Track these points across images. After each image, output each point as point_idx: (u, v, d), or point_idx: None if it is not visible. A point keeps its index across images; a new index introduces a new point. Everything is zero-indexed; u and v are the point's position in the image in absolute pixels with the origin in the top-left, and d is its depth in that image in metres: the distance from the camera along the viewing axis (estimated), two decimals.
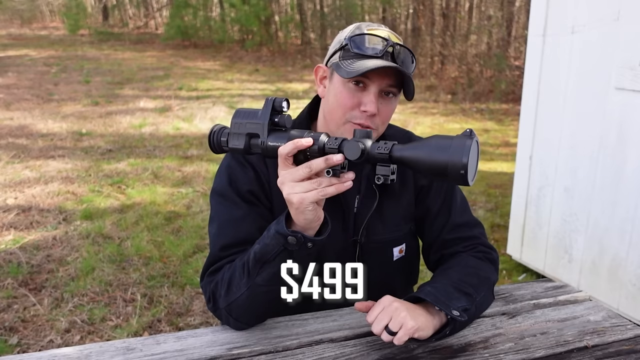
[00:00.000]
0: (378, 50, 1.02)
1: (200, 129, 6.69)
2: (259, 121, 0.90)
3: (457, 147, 0.78)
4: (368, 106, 1.03)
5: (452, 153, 0.78)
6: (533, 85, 2.93)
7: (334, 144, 0.86)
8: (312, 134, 0.87)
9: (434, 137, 0.83)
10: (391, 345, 1.01)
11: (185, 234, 3.59)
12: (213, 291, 1.05)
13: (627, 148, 2.43)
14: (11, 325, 2.51)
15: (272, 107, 0.90)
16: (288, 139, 0.88)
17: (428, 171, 0.81)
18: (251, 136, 0.91)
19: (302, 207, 0.87)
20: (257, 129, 0.90)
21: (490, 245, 1.23)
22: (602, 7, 2.46)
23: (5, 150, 5.42)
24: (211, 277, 1.07)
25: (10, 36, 18.26)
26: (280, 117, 0.90)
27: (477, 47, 11.03)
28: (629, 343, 1.04)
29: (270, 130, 0.90)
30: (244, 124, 0.91)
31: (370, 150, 0.84)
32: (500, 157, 5.82)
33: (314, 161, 0.85)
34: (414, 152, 0.82)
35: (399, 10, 12.81)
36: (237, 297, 1.00)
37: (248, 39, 16.36)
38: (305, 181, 0.86)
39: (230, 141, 0.93)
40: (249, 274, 0.97)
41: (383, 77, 1.03)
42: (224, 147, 0.94)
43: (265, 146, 0.90)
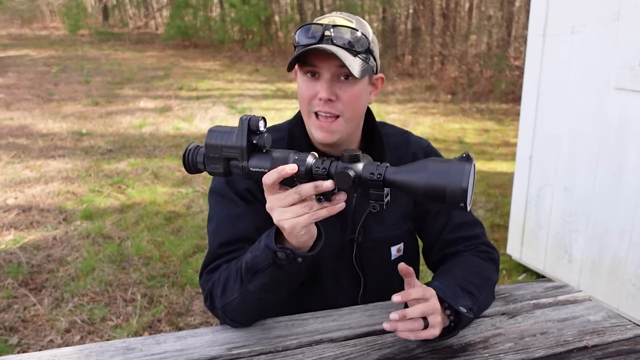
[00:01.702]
0: (317, 37, 1.02)
1: (200, 129, 6.69)
2: (236, 144, 0.83)
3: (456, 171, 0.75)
4: (320, 92, 1.03)
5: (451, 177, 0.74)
6: (533, 85, 2.93)
7: (321, 170, 0.80)
8: (297, 157, 0.82)
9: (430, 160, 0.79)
10: (391, 345, 1.01)
11: (185, 234, 3.59)
12: (210, 290, 1.06)
13: (627, 148, 2.43)
14: (11, 325, 2.51)
15: (248, 127, 0.83)
16: (271, 161, 0.83)
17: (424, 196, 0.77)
18: (230, 159, 0.85)
19: (294, 232, 0.85)
20: (235, 153, 0.84)
21: (491, 244, 1.23)
22: (602, 7, 2.46)
23: (5, 150, 5.42)
24: (209, 276, 1.08)
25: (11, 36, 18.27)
26: (259, 138, 0.83)
27: (477, 47, 11.03)
28: (629, 343, 1.04)
29: (250, 153, 0.84)
30: (220, 147, 0.84)
31: (362, 175, 0.80)
32: (500, 157, 5.82)
33: (303, 187, 0.81)
34: (409, 176, 0.77)
35: (399, 10, 12.81)
36: (231, 300, 1.01)
37: (248, 39, 16.36)
38: (296, 206, 0.83)
39: (208, 164, 0.87)
40: (241, 281, 0.98)
41: (329, 61, 1.02)
42: (199, 167, 0.88)
43: (247, 171, 0.84)
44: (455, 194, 0.74)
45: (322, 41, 1.01)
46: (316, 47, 0.99)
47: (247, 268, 0.95)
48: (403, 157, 1.21)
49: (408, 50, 12.65)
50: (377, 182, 0.79)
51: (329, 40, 1.01)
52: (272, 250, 0.90)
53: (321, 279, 1.17)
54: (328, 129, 1.06)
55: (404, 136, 1.26)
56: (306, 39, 1.03)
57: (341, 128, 1.07)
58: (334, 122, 1.06)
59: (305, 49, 1.00)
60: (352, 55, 1.01)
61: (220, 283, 1.03)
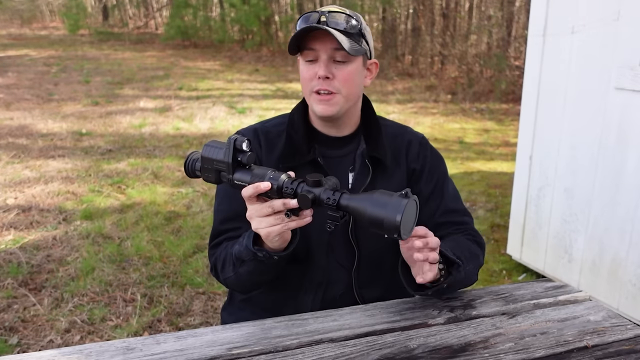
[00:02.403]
0: (312, 21, 1.13)
1: (200, 129, 6.70)
2: (224, 160, 0.99)
3: (394, 205, 0.88)
4: (319, 72, 1.15)
5: (388, 211, 0.88)
6: (533, 85, 2.93)
7: (289, 190, 0.95)
8: (272, 175, 0.96)
9: (376, 192, 0.92)
10: (391, 345, 1.01)
11: (185, 234, 3.59)
12: (214, 264, 1.22)
13: (627, 148, 2.43)
14: (11, 325, 2.51)
15: (234, 146, 0.98)
16: (251, 177, 0.98)
17: (368, 222, 0.90)
18: (220, 171, 1.01)
19: (269, 238, 1.00)
20: (223, 167, 1.00)
21: (478, 232, 1.31)
22: (602, 7, 2.46)
23: (5, 150, 5.42)
24: (213, 250, 1.23)
25: (10, 36, 18.27)
26: (242, 156, 0.99)
27: (477, 47, 11.03)
28: (629, 343, 1.04)
29: (235, 168, 0.99)
30: (212, 161, 1.00)
31: (320, 198, 0.94)
32: (500, 157, 5.82)
33: (275, 202, 0.96)
34: (357, 204, 0.91)
35: (399, 10, 12.81)
36: (228, 277, 1.16)
37: (248, 39, 16.36)
38: (270, 217, 0.97)
39: (203, 173, 1.03)
40: (233, 265, 1.13)
41: (325, 43, 1.13)
42: (197, 174, 1.05)
43: (232, 183, 1.00)
44: (390, 225, 0.88)
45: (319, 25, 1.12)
46: (311, 27, 1.11)
47: (236, 257, 1.11)
48: (399, 143, 1.29)
49: (408, 50, 12.65)
50: (332, 207, 0.93)
51: (324, 24, 1.12)
52: (250, 250, 1.05)
53: (316, 254, 1.23)
54: (327, 102, 1.17)
55: (401, 128, 1.35)
56: (303, 24, 1.14)
57: (339, 102, 1.17)
58: (333, 96, 1.16)
59: (302, 28, 1.12)
60: (344, 37, 1.12)
61: (220, 260, 1.18)
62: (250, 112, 7.71)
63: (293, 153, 1.22)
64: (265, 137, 1.25)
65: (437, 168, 1.31)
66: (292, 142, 1.23)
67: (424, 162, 1.29)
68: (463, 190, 4.61)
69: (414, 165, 1.28)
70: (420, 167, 1.29)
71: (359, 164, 1.24)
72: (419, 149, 1.30)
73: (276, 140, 1.25)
